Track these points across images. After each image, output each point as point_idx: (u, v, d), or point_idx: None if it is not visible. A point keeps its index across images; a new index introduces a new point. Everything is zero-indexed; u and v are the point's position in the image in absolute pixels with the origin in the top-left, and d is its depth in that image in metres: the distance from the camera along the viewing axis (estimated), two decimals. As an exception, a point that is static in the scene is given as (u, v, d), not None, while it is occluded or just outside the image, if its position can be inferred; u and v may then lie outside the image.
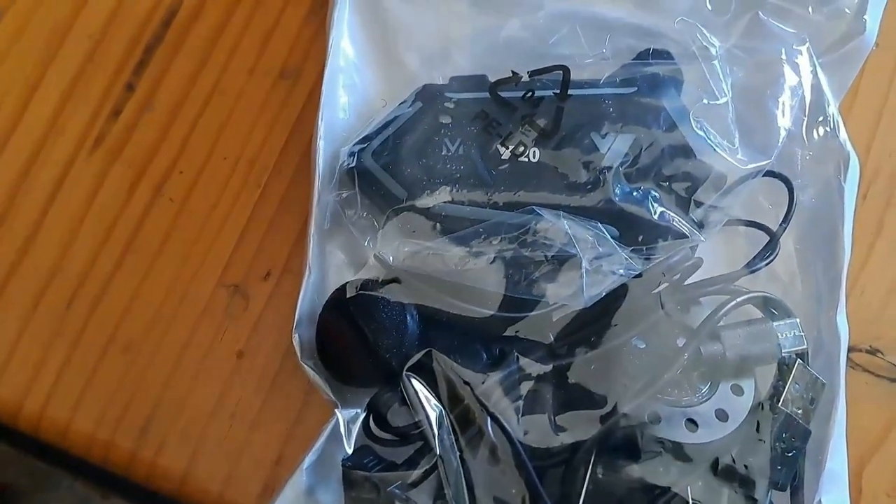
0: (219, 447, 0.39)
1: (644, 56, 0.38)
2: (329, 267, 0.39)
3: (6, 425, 0.40)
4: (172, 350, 0.40)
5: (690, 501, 0.33)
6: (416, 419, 0.34)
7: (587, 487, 0.32)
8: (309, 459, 0.34)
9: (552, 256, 0.35)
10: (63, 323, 0.41)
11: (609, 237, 0.35)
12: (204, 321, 0.40)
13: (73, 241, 0.41)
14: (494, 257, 0.35)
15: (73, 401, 0.40)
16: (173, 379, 0.40)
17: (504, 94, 0.38)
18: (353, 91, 0.41)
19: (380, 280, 0.36)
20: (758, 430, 0.33)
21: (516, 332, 0.35)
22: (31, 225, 0.42)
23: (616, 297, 0.34)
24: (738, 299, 0.35)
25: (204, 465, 0.39)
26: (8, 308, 0.41)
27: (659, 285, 0.35)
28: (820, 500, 0.35)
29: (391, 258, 0.36)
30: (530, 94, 0.37)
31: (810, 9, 0.39)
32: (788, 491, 0.34)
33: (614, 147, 0.36)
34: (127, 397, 0.40)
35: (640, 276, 0.34)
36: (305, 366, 0.35)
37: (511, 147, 0.37)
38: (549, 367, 0.34)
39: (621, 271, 0.35)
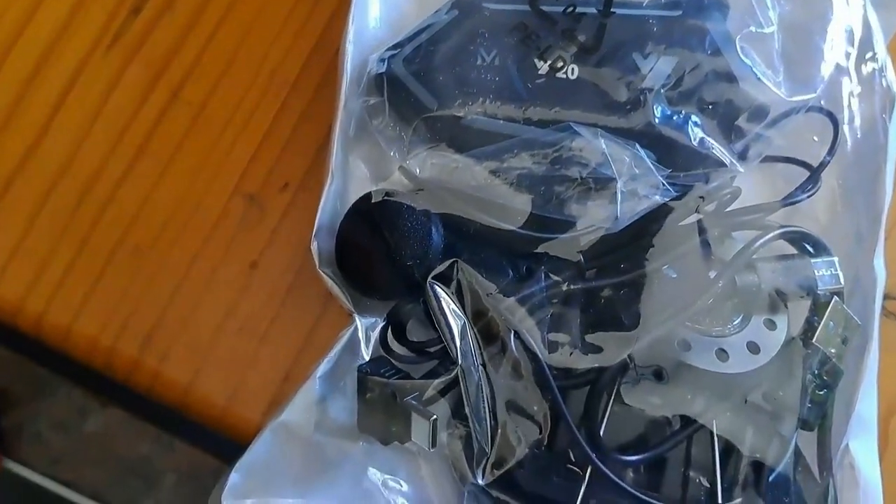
0: (226, 359, 0.38)
1: (690, -21, 0.37)
2: (351, 179, 0.37)
3: (5, 325, 0.39)
4: (183, 257, 0.39)
5: (715, 432, 0.32)
6: (436, 335, 0.32)
7: (611, 409, 0.31)
8: (323, 368, 0.33)
9: (586, 175, 0.33)
10: (70, 223, 0.39)
11: (646, 159, 0.33)
12: (217, 229, 0.39)
13: (85, 140, 0.40)
14: (525, 174, 0.34)
15: (77, 303, 0.38)
16: (183, 286, 0.38)
17: (545, 8, 0.36)
18: (385, 1, 0.39)
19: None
20: (789, 364, 0.32)
21: (545, 251, 0.33)
22: (41, 121, 0.40)
23: (654, 218, 0.33)
24: (775, 232, 0.33)
25: (209, 377, 0.38)
26: (14, 205, 0.39)
27: (697, 210, 0.34)
28: (847, 444, 0.34)
29: (418, 170, 0.35)
30: (572, 8, 0.36)
31: (862, -58, 0.38)
32: (816, 433, 0.33)
33: (657, 68, 0.35)
34: (133, 303, 0.38)
35: (678, 198, 0.33)
36: (324, 274, 0.34)
37: (549, 62, 0.35)
38: (577, 286, 0.32)
39: (657, 195, 0.33)
